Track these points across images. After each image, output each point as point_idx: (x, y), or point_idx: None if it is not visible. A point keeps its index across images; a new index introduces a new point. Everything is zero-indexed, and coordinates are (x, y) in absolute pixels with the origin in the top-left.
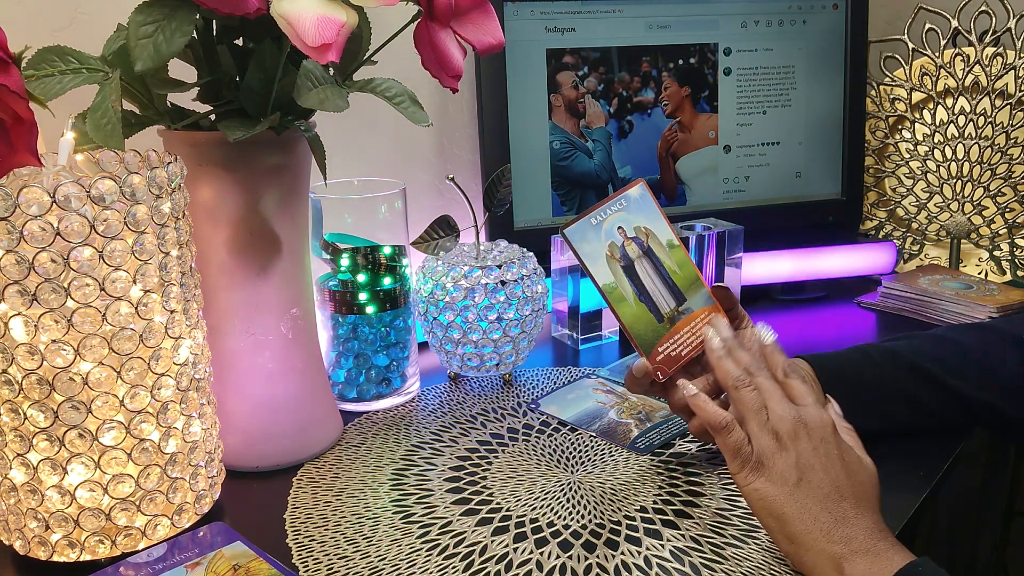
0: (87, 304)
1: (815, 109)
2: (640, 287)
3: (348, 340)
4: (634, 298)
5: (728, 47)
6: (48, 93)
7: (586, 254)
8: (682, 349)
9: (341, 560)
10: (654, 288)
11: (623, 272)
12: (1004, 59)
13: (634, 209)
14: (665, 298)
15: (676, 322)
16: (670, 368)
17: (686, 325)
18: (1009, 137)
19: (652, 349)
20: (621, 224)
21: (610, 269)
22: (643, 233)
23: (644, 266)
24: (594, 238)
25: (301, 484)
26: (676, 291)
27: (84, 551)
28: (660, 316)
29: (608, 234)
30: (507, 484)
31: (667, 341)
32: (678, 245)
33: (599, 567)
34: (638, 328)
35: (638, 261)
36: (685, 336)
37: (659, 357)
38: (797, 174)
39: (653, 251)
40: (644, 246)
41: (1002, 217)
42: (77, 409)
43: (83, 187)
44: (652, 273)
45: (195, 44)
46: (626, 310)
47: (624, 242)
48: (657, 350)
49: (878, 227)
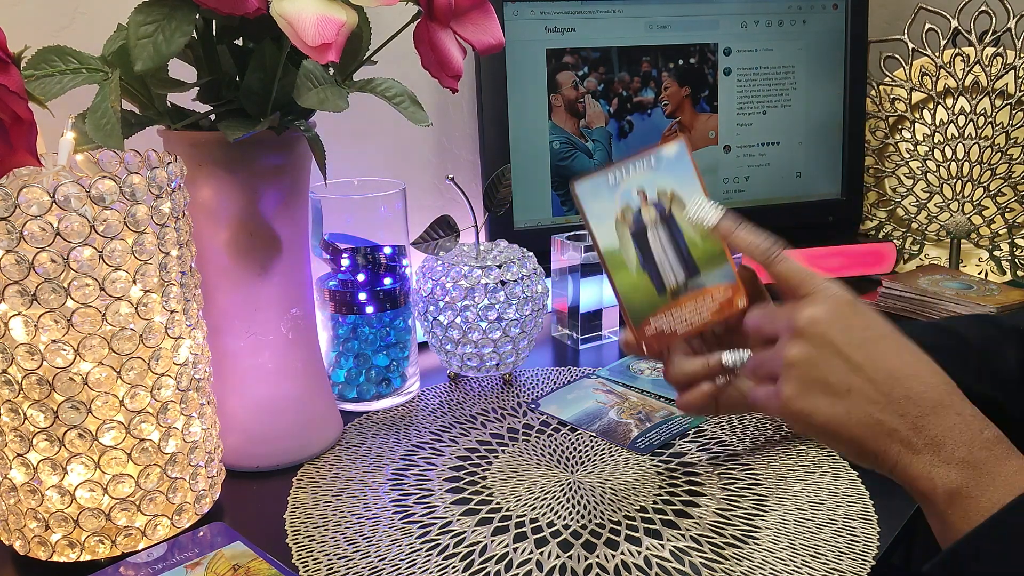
0: (87, 304)
1: (815, 109)
2: (647, 255)
3: (348, 340)
4: (637, 266)
5: (728, 47)
6: (48, 93)
7: (593, 213)
8: (679, 325)
9: (341, 560)
10: (663, 258)
11: (631, 238)
12: (1004, 59)
13: (665, 170)
14: (673, 270)
15: (680, 296)
16: (660, 344)
17: (692, 300)
18: (1009, 137)
19: (643, 320)
20: (644, 186)
21: (617, 233)
22: (667, 198)
23: (658, 233)
24: (607, 198)
25: (301, 484)
26: (690, 263)
27: (84, 551)
28: (662, 287)
29: (625, 196)
30: (507, 484)
31: (663, 314)
32: None
33: (599, 567)
34: (632, 298)
35: (652, 227)
36: (687, 312)
37: (650, 330)
38: (797, 174)
39: (674, 218)
40: (665, 212)
41: (1002, 217)
42: (77, 409)
43: (83, 187)
44: (666, 241)
45: (195, 44)
46: (624, 278)
47: (641, 206)
48: (649, 321)
49: (878, 227)
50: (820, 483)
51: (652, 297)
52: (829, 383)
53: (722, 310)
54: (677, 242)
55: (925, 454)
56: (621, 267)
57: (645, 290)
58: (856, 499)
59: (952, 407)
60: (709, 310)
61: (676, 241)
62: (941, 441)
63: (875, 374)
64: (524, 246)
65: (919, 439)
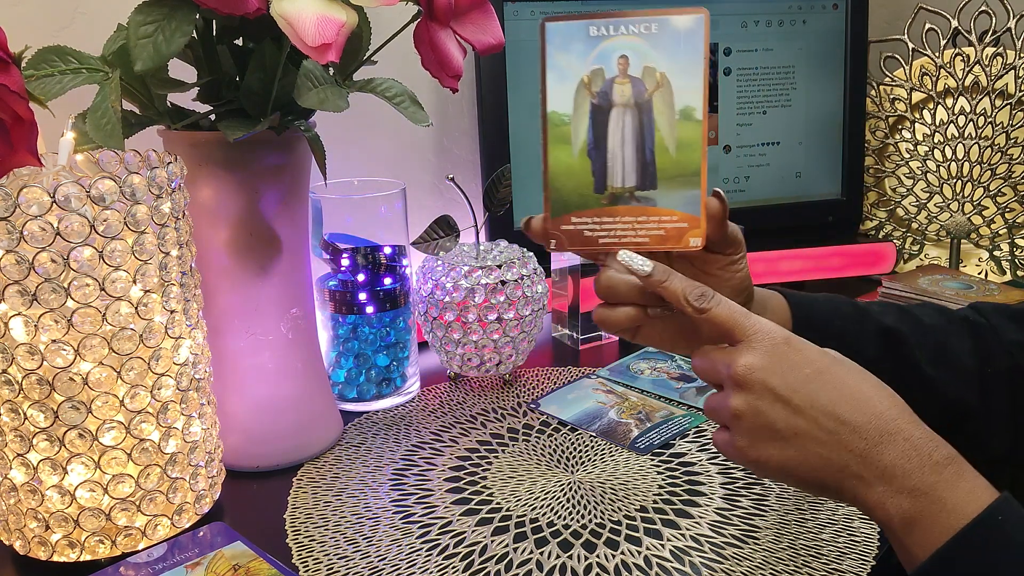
0: (87, 304)
1: (815, 109)
2: (600, 139)
3: (348, 340)
4: (582, 147)
5: (728, 47)
6: (48, 93)
7: (555, 64)
8: (604, 236)
9: (341, 560)
10: (618, 151)
11: (589, 111)
12: (1004, 59)
13: (666, 44)
14: (625, 169)
15: (619, 203)
16: (573, 244)
17: (632, 214)
18: (1009, 137)
19: (564, 212)
20: (630, 54)
21: (574, 98)
22: (654, 79)
23: (625, 119)
24: (579, 52)
25: (301, 484)
26: (648, 171)
27: (84, 551)
28: (602, 185)
29: (602, 57)
30: (507, 484)
31: (592, 216)
32: (698, 120)
33: (599, 567)
34: (561, 183)
35: (620, 109)
36: (621, 225)
37: (567, 225)
38: (797, 174)
39: (652, 107)
40: (643, 96)
41: (1002, 217)
42: (77, 409)
43: (83, 187)
44: (630, 132)
45: (195, 44)
46: (561, 155)
47: (617, 78)
48: (569, 218)
49: (878, 227)
50: None
51: (585, 191)
52: (776, 429)
53: (665, 240)
54: (643, 139)
55: (877, 486)
56: (562, 142)
57: (580, 180)
58: None
59: (899, 433)
60: (649, 234)
61: (643, 137)
62: (891, 472)
63: (818, 414)
64: (524, 246)
65: (869, 472)
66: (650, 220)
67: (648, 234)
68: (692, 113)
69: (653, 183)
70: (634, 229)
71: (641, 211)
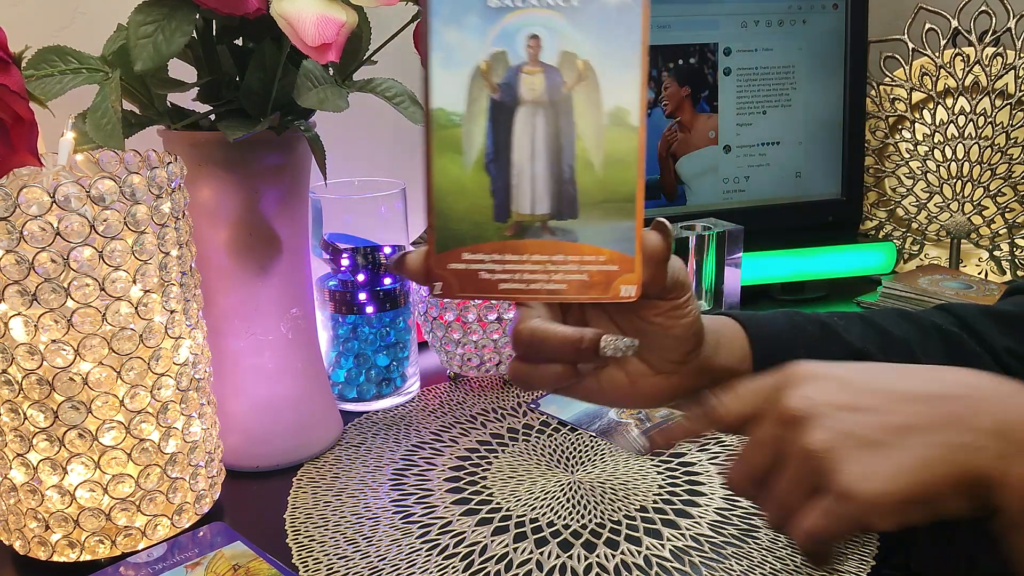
0: (87, 304)
1: (815, 109)
2: (502, 148)
3: (348, 340)
4: (478, 158)
5: (728, 47)
6: (48, 93)
7: (442, 46)
8: (507, 279)
9: (341, 560)
10: (524, 165)
11: (488, 110)
12: (1004, 59)
13: (589, 22)
14: (534, 192)
15: (526, 237)
16: (463, 288)
17: (545, 251)
18: (1009, 137)
19: (453, 246)
20: (543, 32)
21: (468, 93)
22: (575, 69)
23: (536, 122)
24: (475, 28)
25: (301, 484)
26: (566, 195)
27: (84, 551)
28: (504, 211)
29: (506, 37)
30: (507, 484)
31: (487, 253)
32: (634, 127)
33: (599, 567)
34: (450, 204)
35: (529, 108)
36: (529, 266)
37: (456, 263)
38: (797, 174)
39: (572, 107)
40: (561, 91)
41: (1002, 217)
42: (77, 409)
43: (83, 187)
44: (542, 141)
45: (195, 44)
46: (448, 169)
47: (526, 65)
48: (460, 254)
49: (878, 227)
50: None
51: (482, 218)
52: (878, 442)
53: (589, 288)
54: (560, 150)
55: None
56: (451, 150)
57: (476, 202)
58: None
59: (1017, 394)
60: (567, 279)
61: (559, 147)
62: None
63: (912, 404)
64: None
65: (1009, 446)
66: (568, 260)
67: (565, 279)
68: (625, 116)
69: (573, 211)
70: (547, 272)
71: (556, 248)
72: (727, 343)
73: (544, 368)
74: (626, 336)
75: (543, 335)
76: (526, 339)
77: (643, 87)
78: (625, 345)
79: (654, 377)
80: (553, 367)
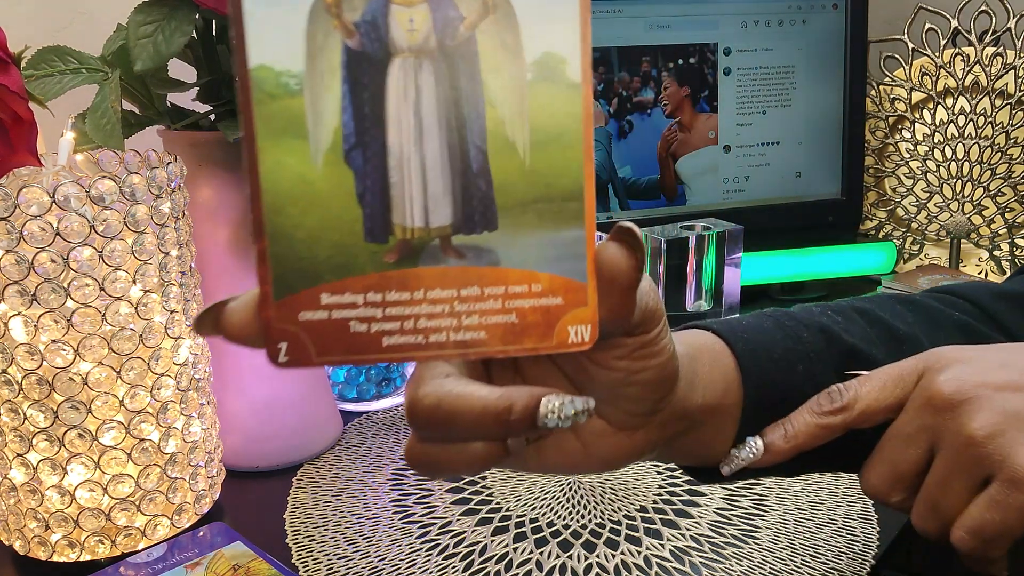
0: (87, 304)
1: (815, 109)
2: (369, 124)
3: None
4: (332, 147)
5: (728, 47)
6: (48, 93)
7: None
8: (390, 332)
9: (341, 560)
10: (408, 149)
11: (343, 62)
12: (1004, 59)
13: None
14: (426, 192)
15: (420, 263)
16: (324, 350)
17: (448, 286)
18: (1009, 137)
19: (302, 290)
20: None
21: (307, 40)
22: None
23: (422, 80)
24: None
25: (301, 484)
26: (476, 194)
27: (84, 551)
28: (381, 228)
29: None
30: (507, 484)
31: (358, 292)
32: (575, 84)
33: (599, 567)
34: (292, 221)
35: (410, 60)
36: (423, 310)
37: (310, 315)
38: (797, 174)
39: (477, 57)
40: (458, 31)
41: (1002, 217)
42: (77, 409)
43: (83, 187)
44: (433, 110)
45: (195, 44)
46: (286, 162)
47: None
48: (316, 297)
49: (878, 227)
50: (820, 483)
51: (346, 238)
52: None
53: (522, 334)
54: (462, 123)
55: None
56: (287, 132)
57: (334, 213)
58: (856, 499)
59: None
60: (488, 324)
61: (460, 120)
62: None
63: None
64: None
65: None
66: (487, 295)
67: (484, 324)
68: (560, 67)
69: (488, 218)
70: (455, 316)
71: (467, 276)
72: (706, 372)
73: (456, 451)
74: (577, 395)
75: (453, 407)
76: (427, 413)
77: (585, 21)
78: (577, 410)
79: (613, 436)
80: (471, 448)
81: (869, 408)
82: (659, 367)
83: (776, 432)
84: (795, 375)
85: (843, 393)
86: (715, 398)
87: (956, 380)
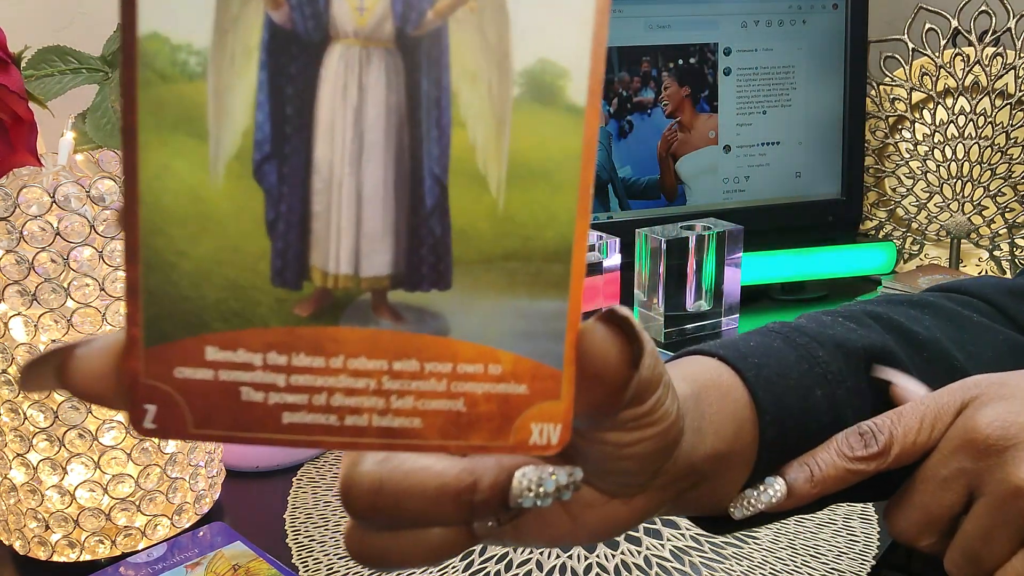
0: (87, 304)
1: (815, 109)
2: (293, 129)
3: None
4: (239, 151)
5: (728, 47)
6: (48, 93)
7: None
8: (296, 408)
9: (341, 560)
10: (340, 169)
11: (264, 40)
12: (1004, 59)
13: None
14: (360, 229)
15: (342, 321)
16: (203, 421)
17: (370, 354)
18: (1009, 137)
19: (182, 338)
20: None
21: (216, 11)
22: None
23: (369, 79)
24: None
25: (301, 484)
26: (427, 241)
27: (84, 551)
28: (295, 269)
29: None
30: None
31: (256, 350)
32: (578, 109)
33: (599, 567)
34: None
35: (355, 51)
36: (340, 384)
37: (188, 371)
38: (797, 174)
39: (447, 57)
40: (423, 20)
41: (1002, 217)
42: (77, 409)
43: (83, 187)
44: (381, 120)
45: None
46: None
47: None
48: (200, 350)
49: (878, 227)
50: None
51: (247, 277)
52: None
53: (469, 427)
54: (417, 143)
55: None
56: (179, 127)
57: (232, 243)
58: None
59: None
60: (425, 408)
61: (416, 138)
62: None
63: None
64: None
65: None
66: (428, 373)
67: (422, 409)
68: (560, 84)
69: (439, 273)
70: (383, 396)
71: (404, 346)
72: (714, 414)
73: (409, 539)
74: (561, 463)
75: (399, 488)
76: (368, 497)
77: (601, 24)
78: (560, 485)
79: (606, 506)
80: (427, 536)
81: (905, 452)
82: (658, 436)
83: (800, 472)
84: (814, 401)
85: (877, 436)
86: (726, 443)
87: (1000, 421)
